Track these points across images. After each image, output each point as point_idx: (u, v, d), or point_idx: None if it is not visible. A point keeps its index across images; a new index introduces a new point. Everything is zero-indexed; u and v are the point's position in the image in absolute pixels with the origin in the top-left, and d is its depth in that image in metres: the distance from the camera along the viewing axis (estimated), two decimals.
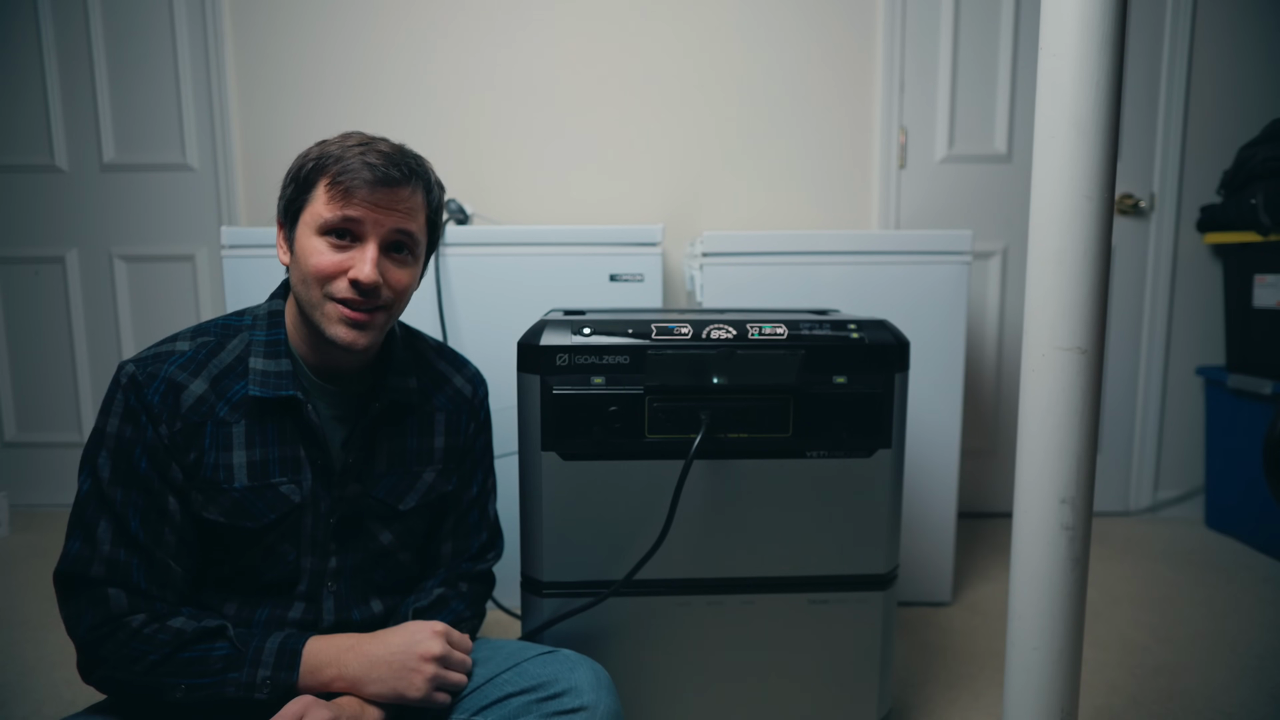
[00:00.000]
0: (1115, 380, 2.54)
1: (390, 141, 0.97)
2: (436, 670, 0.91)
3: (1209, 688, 1.52)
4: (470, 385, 1.13)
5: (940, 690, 1.52)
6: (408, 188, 0.94)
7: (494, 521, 1.16)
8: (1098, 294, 0.85)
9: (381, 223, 0.93)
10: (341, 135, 0.97)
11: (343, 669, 0.89)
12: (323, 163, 0.93)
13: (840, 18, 2.40)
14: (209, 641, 0.88)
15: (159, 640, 0.86)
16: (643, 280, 1.75)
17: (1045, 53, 0.84)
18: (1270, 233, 2.17)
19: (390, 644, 0.91)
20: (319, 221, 0.92)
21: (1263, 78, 2.43)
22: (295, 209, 0.95)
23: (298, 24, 2.40)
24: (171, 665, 0.86)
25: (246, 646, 0.88)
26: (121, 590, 0.87)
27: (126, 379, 0.90)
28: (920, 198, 2.45)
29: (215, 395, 0.93)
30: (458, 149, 2.42)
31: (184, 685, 0.86)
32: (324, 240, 0.92)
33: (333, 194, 0.92)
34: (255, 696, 0.86)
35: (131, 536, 0.88)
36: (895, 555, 1.20)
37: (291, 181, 0.96)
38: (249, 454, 0.94)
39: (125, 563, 0.88)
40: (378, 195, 0.92)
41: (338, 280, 0.92)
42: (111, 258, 2.50)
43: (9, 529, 2.37)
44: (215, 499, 0.92)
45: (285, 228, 0.98)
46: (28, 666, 1.59)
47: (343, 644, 0.91)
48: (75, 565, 0.87)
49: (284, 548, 0.96)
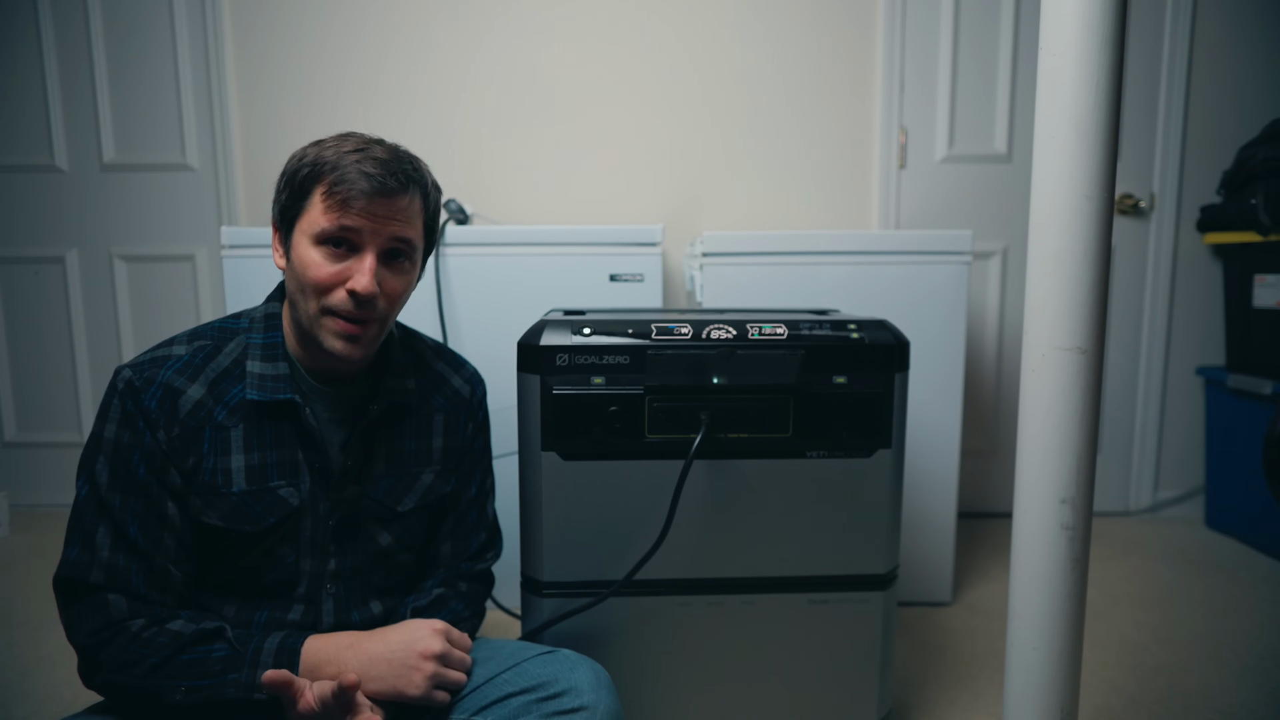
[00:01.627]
0: (1115, 380, 2.54)
1: (386, 144, 0.95)
2: (436, 668, 0.91)
3: (1209, 688, 1.52)
4: (468, 385, 1.12)
5: (940, 690, 1.52)
6: (405, 196, 0.93)
7: (493, 521, 1.16)
8: (1098, 294, 0.85)
9: (379, 231, 0.92)
10: (338, 137, 0.95)
11: (342, 667, 0.89)
12: (319, 169, 0.91)
13: (840, 18, 2.40)
14: (208, 643, 0.88)
15: (158, 643, 0.86)
16: (643, 280, 1.75)
17: (1045, 53, 0.84)
18: (1270, 233, 2.17)
19: (390, 642, 0.91)
20: (315, 230, 0.91)
21: (1263, 78, 2.43)
22: (291, 215, 0.94)
23: (298, 24, 2.40)
24: (171, 668, 0.86)
25: (245, 647, 0.88)
26: (121, 595, 0.87)
27: (123, 384, 0.90)
28: (920, 198, 2.45)
29: (213, 400, 0.93)
30: (458, 149, 2.42)
31: (184, 687, 0.86)
32: (321, 250, 0.91)
33: (329, 203, 0.90)
34: (255, 697, 0.86)
35: (130, 542, 0.88)
36: (895, 555, 1.20)
37: (286, 186, 0.94)
38: (247, 458, 0.93)
39: (124, 568, 0.87)
40: (375, 205, 0.91)
41: (335, 291, 0.91)
42: (111, 258, 2.51)
43: (9, 529, 2.37)
44: (214, 503, 0.92)
45: (280, 232, 0.97)
46: (28, 666, 1.59)
47: (342, 642, 0.91)
48: (75, 571, 0.87)
49: (283, 550, 0.96)
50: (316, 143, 0.95)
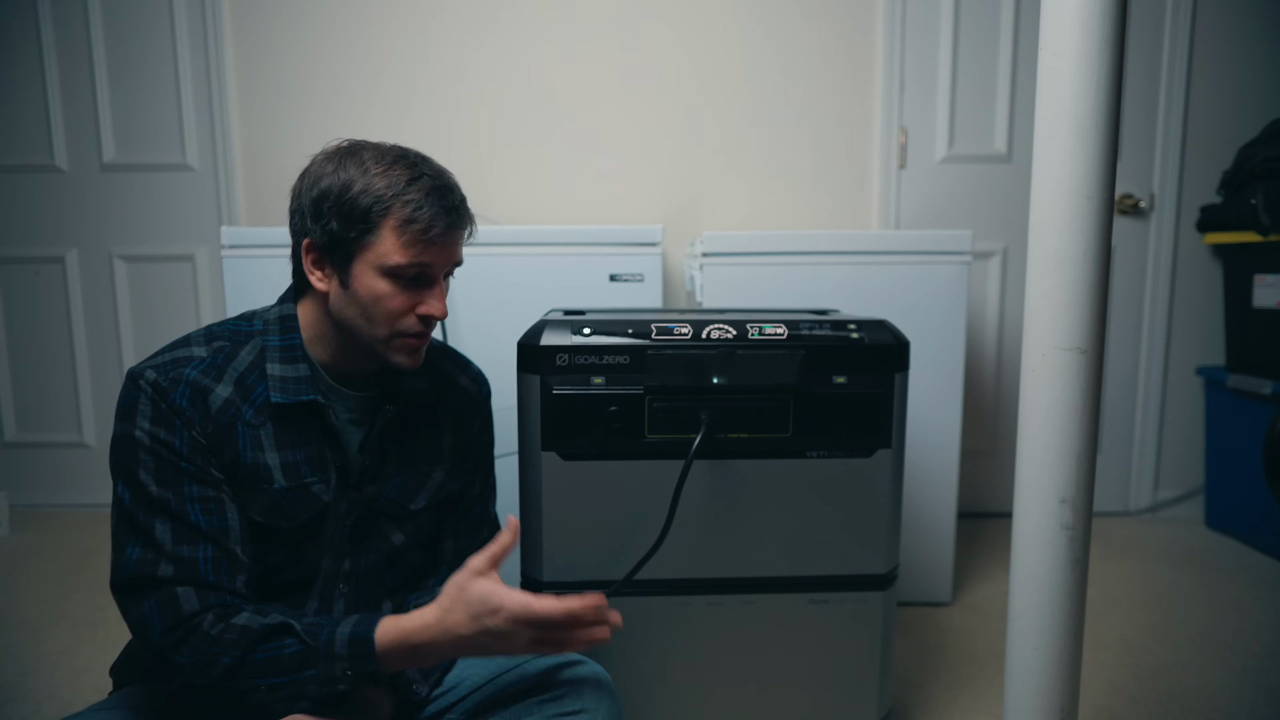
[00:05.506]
0: (1115, 380, 2.54)
1: (433, 164, 0.95)
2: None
3: (1209, 688, 1.52)
4: (475, 385, 1.13)
5: (940, 690, 1.52)
6: (469, 225, 0.97)
7: (494, 520, 1.16)
8: (1098, 294, 0.85)
9: (448, 261, 0.96)
10: (376, 156, 0.92)
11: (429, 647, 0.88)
12: (385, 203, 0.89)
13: (840, 18, 2.40)
14: (277, 640, 0.87)
15: (227, 640, 0.85)
16: (643, 280, 1.75)
17: (1045, 53, 0.84)
18: (1270, 233, 2.17)
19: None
20: (389, 264, 0.91)
21: (1263, 78, 2.43)
22: (352, 246, 0.91)
23: (298, 24, 2.40)
24: (247, 668, 0.85)
25: (316, 640, 0.86)
26: (190, 588, 0.86)
27: (149, 384, 0.89)
28: (920, 198, 2.45)
29: (240, 398, 0.93)
30: (458, 149, 2.41)
31: (264, 686, 0.86)
32: (392, 282, 0.92)
33: (406, 239, 0.90)
34: (338, 689, 0.86)
35: (194, 529, 0.88)
36: (895, 555, 1.20)
37: (338, 212, 0.90)
38: (281, 455, 0.94)
39: (191, 559, 0.87)
40: (448, 238, 0.94)
41: (407, 317, 0.94)
42: (111, 258, 2.50)
43: (9, 529, 2.37)
44: (254, 498, 0.93)
45: (331, 257, 0.93)
46: (28, 666, 1.59)
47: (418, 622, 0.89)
48: (140, 568, 0.86)
49: (309, 547, 0.97)
50: (356, 161, 0.91)
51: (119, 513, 0.89)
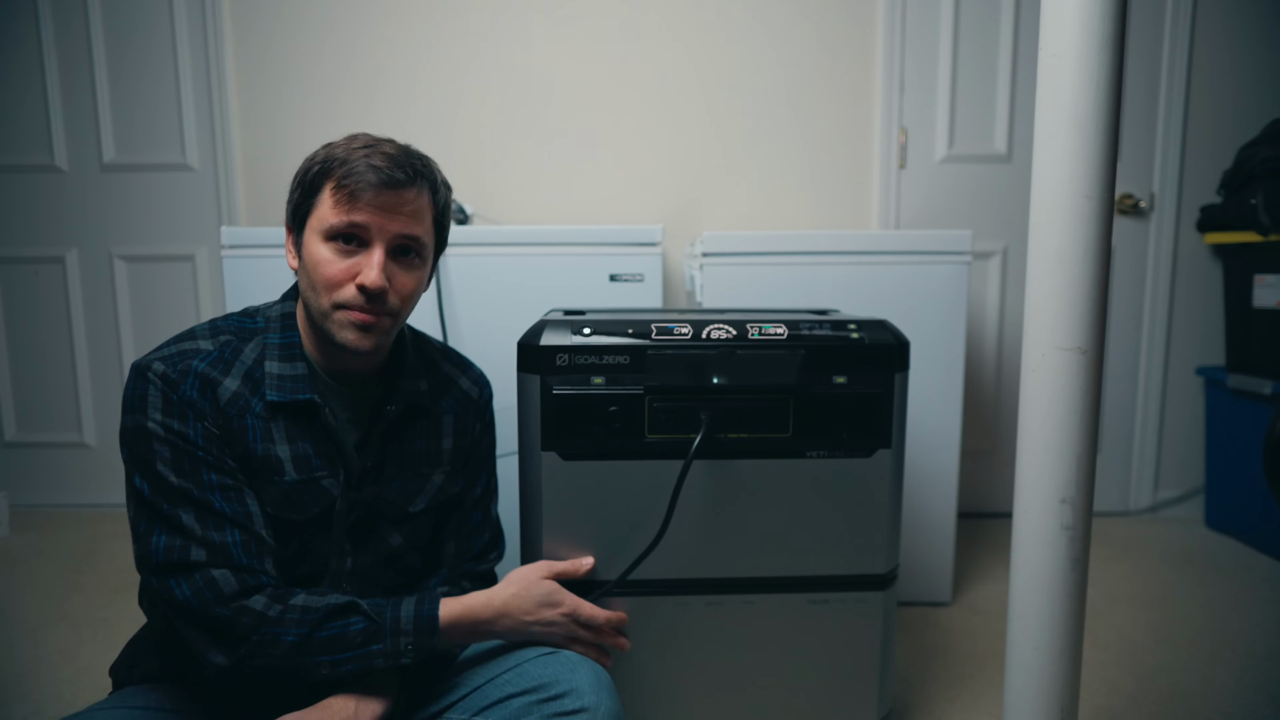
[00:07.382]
0: (1115, 380, 2.54)
1: (396, 143, 0.96)
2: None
3: (1209, 688, 1.52)
4: (476, 387, 1.13)
5: (940, 690, 1.52)
6: (413, 189, 0.94)
7: (496, 522, 1.16)
8: (1098, 294, 0.85)
9: (387, 227, 0.92)
10: (347, 138, 0.96)
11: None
12: (328, 166, 0.92)
13: (840, 18, 2.40)
14: (343, 618, 0.89)
15: (289, 619, 0.87)
16: (643, 280, 1.75)
17: (1045, 53, 0.84)
18: (1270, 233, 2.17)
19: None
20: (325, 226, 0.92)
21: (1263, 78, 2.43)
22: (302, 214, 0.95)
23: (298, 24, 2.40)
24: (312, 645, 0.87)
25: (382, 617, 0.90)
26: (227, 570, 0.87)
27: (157, 376, 0.89)
28: (920, 198, 2.45)
29: (249, 391, 0.93)
30: (458, 149, 2.41)
31: (327, 662, 0.88)
32: (330, 246, 0.92)
33: (338, 198, 0.91)
34: (402, 662, 0.91)
35: (219, 515, 0.88)
36: (895, 555, 1.20)
37: (298, 186, 0.95)
38: (292, 448, 0.94)
39: (222, 543, 0.87)
40: (383, 198, 0.91)
41: (345, 287, 0.92)
42: (111, 258, 2.50)
43: (9, 529, 2.37)
44: (266, 490, 0.93)
45: (294, 232, 0.97)
46: (28, 666, 1.59)
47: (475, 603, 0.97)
48: (170, 554, 0.86)
49: (317, 543, 0.97)
50: (327, 145, 0.96)
51: (139, 504, 0.89)
